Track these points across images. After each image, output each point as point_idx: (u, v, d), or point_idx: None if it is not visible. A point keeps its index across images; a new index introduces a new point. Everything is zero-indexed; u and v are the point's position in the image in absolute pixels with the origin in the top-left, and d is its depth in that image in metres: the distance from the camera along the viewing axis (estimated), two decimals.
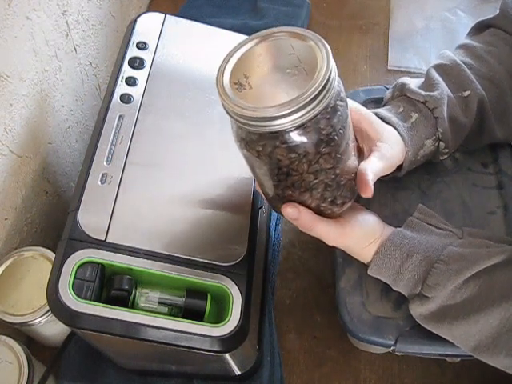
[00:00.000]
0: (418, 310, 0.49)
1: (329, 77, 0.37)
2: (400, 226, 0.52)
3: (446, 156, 0.58)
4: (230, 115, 0.39)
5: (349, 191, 0.46)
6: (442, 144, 0.56)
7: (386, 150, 0.51)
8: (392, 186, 0.59)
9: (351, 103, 0.51)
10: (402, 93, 0.57)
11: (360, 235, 0.50)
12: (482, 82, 0.57)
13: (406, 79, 0.58)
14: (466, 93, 0.56)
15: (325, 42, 0.38)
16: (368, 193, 0.46)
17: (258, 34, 0.41)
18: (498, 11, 0.62)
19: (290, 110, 0.36)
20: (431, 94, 0.55)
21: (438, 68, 0.58)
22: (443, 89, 0.56)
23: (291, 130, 0.38)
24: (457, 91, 0.56)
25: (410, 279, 0.49)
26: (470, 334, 0.47)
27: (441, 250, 0.49)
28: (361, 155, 0.52)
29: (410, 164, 0.55)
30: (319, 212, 0.47)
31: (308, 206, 0.46)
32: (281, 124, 0.37)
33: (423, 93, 0.55)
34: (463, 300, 0.47)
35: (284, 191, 0.44)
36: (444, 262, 0.48)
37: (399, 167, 0.55)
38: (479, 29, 0.63)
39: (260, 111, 0.36)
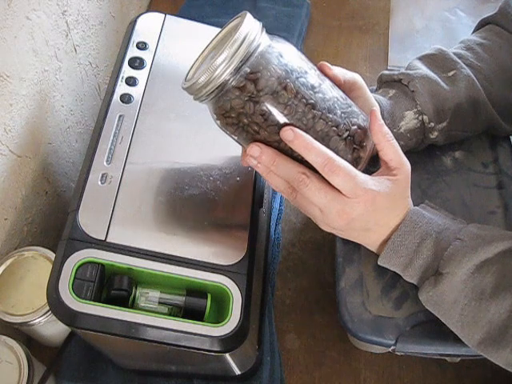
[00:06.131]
0: (428, 294, 0.49)
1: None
2: None
3: (436, 133, 0.57)
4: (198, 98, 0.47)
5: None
6: (425, 118, 0.56)
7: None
8: None
9: (348, 74, 0.53)
10: (381, 82, 0.61)
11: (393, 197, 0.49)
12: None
13: (384, 71, 0.61)
14: (451, 73, 0.58)
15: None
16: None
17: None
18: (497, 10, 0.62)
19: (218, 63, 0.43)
20: (405, 71, 0.58)
21: (423, 58, 0.60)
22: (421, 70, 0.57)
23: (231, 79, 0.44)
24: (442, 73, 0.58)
25: (427, 258, 0.49)
26: (479, 325, 0.47)
27: (457, 232, 0.49)
28: None
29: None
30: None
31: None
32: (220, 77, 0.44)
33: (397, 72, 0.58)
34: (474, 285, 0.47)
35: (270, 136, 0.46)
36: (461, 240, 0.48)
37: None
38: (479, 27, 0.65)
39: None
